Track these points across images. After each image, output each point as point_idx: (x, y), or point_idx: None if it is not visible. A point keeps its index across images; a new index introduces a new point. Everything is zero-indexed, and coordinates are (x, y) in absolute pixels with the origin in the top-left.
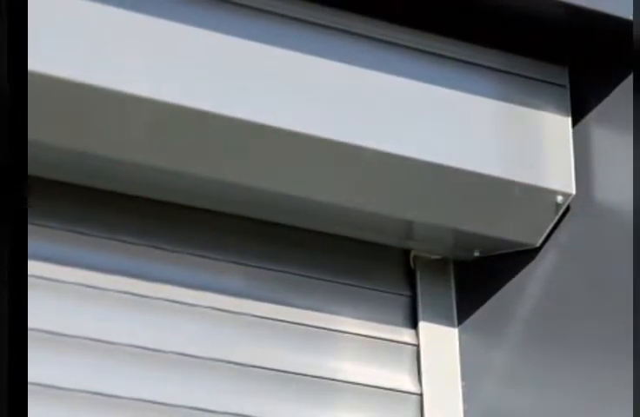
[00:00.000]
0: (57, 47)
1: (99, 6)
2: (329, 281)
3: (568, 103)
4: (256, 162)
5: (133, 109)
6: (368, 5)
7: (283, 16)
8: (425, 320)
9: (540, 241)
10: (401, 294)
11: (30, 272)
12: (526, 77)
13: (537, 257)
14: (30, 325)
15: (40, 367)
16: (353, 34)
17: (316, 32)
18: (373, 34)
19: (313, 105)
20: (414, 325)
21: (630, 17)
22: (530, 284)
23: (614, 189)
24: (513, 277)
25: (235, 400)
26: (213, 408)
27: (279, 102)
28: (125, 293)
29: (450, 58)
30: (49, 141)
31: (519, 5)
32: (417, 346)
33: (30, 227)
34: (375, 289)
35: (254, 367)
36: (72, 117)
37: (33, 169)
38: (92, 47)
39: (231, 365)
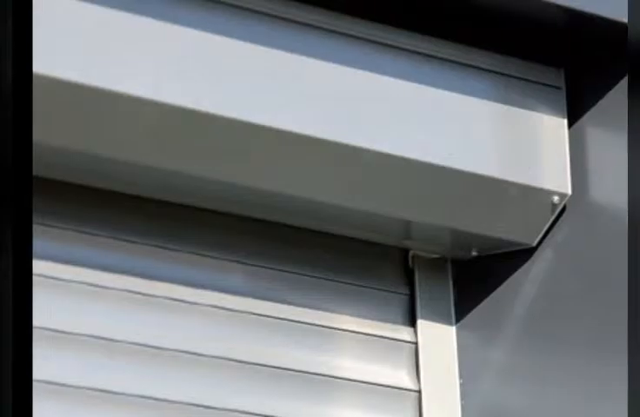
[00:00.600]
0: (60, 49)
1: (101, 9)
2: (328, 279)
3: (564, 105)
4: (257, 163)
5: (136, 111)
6: (367, 9)
7: (283, 19)
8: (423, 318)
9: (536, 240)
10: (399, 293)
11: (34, 271)
12: (523, 79)
13: (534, 256)
14: (34, 323)
15: (45, 365)
16: (353, 37)
17: (317, 35)
18: (372, 37)
19: (313, 107)
20: (412, 323)
21: (625, 20)
22: (526, 283)
23: (609, 190)
24: (510, 276)
25: (236, 396)
26: (215, 405)
27: (279, 103)
28: (128, 291)
29: (447, 60)
30: (53, 142)
31: (516, 9)
32: (416, 343)
33: (34, 226)
34: (374, 288)
35: (255, 364)
36: (76, 119)
37: (38, 170)
38: (95, 49)
39: (233, 362)
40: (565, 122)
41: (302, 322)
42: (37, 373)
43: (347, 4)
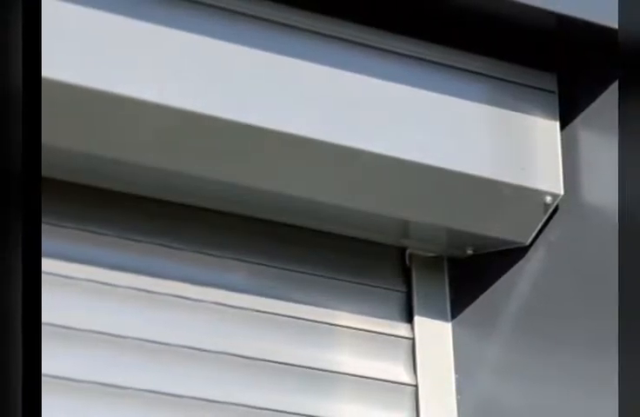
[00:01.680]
0: (65, 53)
1: (106, 14)
2: (328, 277)
3: (556, 108)
4: (258, 164)
5: (140, 113)
6: (365, 14)
7: (283, 25)
8: (420, 314)
9: (530, 239)
10: (397, 290)
11: (43, 269)
12: (517, 83)
13: (527, 255)
14: (43, 320)
15: (53, 360)
16: (352, 42)
17: (316, 40)
18: (370, 42)
19: (312, 110)
20: (409, 319)
21: (616, 26)
22: (520, 280)
23: (600, 190)
24: (504, 274)
25: (238, 390)
26: (217, 399)
27: (280, 106)
28: (134, 289)
29: (444, 65)
30: (60, 143)
31: (510, 14)
32: (413, 339)
33: (43, 226)
34: (372, 285)
35: (257, 359)
36: (81, 121)
37: (45, 171)
38: (99, 53)
39: (235, 357)
40: (558, 124)
41: (302, 319)
42: (46, 368)
43: (346, 10)
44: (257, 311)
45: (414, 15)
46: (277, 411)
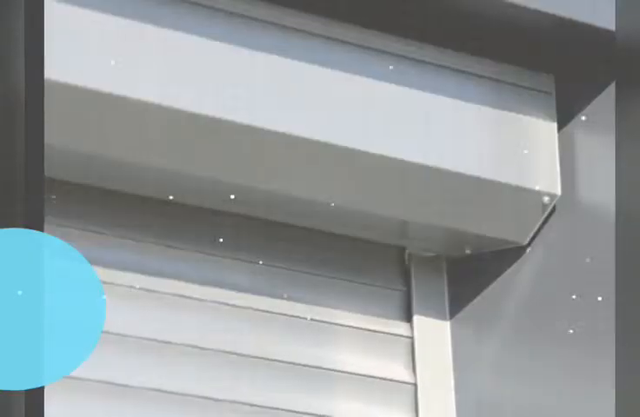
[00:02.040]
0: (73, 56)
1: (112, 17)
2: (328, 276)
3: (554, 109)
4: (259, 164)
5: (144, 115)
6: (366, 16)
7: (287, 28)
8: (419, 313)
9: (527, 239)
10: (396, 289)
11: None
12: (515, 85)
13: (525, 255)
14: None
15: None
16: (355, 45)
17: (319, 42)
18: (373, 45)
19: (314, 111)
20: (408, 318)
21: (613, 28)
22: (517, 280)
23: (597, 190)
24: (502, 273)
25: (237, 388)
26: (217, 397)
27: (282, 108)
28: (134, 288)
29: (443, 66)
30: (63, 144)
31: (509, 17)
32: (412, 338)
33: (46, 226)
34: (372, 285)
35: (255, 357)
36: (85, 122)
37: (49, 172)
38: (107, 56)
39: (234, 356)
40: (555, 125)
41: (302, 318)
42: None
43: (347, 12)
44: (257, 310)
45: (412, 17)
46: (277, 409)
